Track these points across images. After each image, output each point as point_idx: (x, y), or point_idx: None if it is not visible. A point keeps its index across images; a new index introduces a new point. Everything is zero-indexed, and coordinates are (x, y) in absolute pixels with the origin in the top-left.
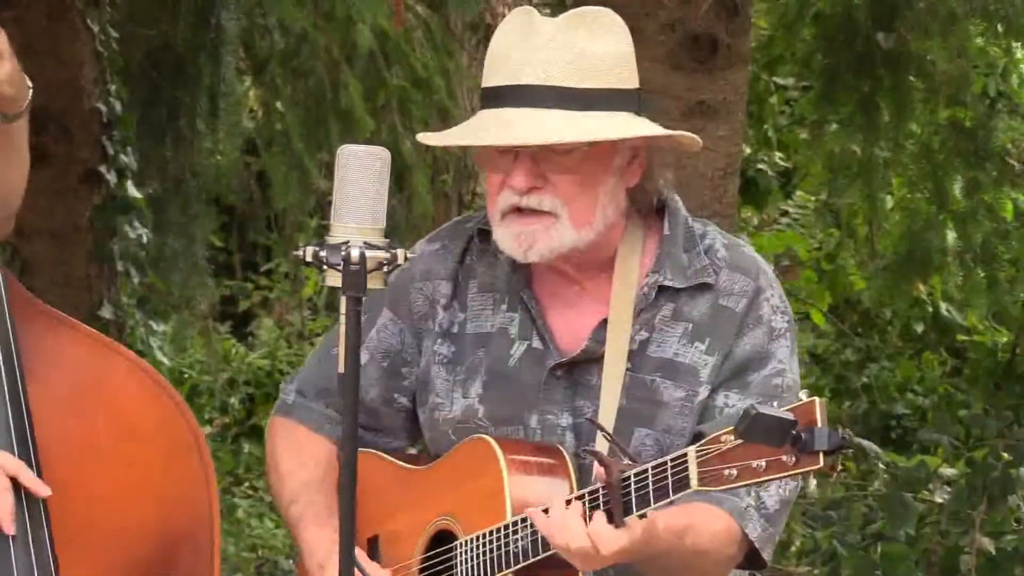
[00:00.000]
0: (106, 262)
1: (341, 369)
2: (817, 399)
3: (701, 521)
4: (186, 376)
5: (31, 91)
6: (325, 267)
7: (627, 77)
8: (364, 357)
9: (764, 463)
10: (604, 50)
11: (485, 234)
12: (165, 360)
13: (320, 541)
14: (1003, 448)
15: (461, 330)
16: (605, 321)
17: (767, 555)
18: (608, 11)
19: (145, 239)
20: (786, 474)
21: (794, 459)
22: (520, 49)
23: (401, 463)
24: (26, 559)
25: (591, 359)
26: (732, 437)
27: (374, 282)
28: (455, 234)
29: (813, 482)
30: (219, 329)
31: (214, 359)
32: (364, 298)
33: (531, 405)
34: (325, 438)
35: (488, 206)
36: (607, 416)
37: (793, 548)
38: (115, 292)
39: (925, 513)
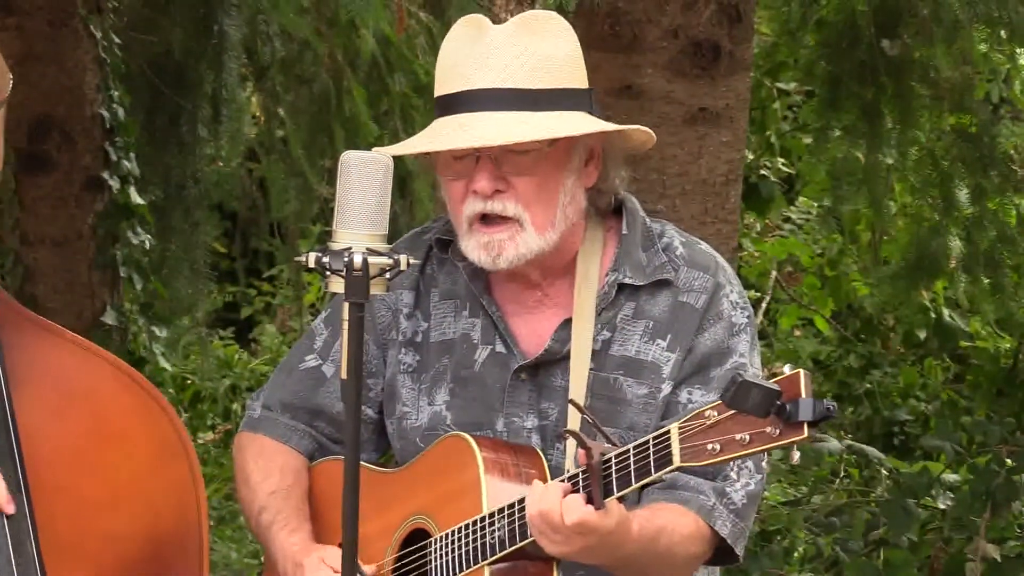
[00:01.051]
0: (109, 268)
1: (344, 375)
2: (802, 371)
3: (672, 523)
4: (189, 382)
5: (11, 82)
6: (328, 273)
7: (578, 77)
8: (330, 370)
9: (748, 436)
10: (554, 51)
11: (444, 244)
12: (168, 366)
13: (293, 544)
14: (1006, 454)
15: (425, 339)
16: (566, 322)
17: (739, 550)
18: (555, 15)
19: (148, 245)
20: (770, 446)
21: (778, 430)
22: (471, 55)
23: (370, 467)
24: (8, 568)
25: (554, 360)
26: (716, 413)
27: (376, 288)
28: (414, 245)
29: (801, 457)
30: (216, 336)
31: (208, 366)
32: (328, 311)
33: (497, 409)
34: (292, 449)
35: (453, 216)
36: (574, 415)
37: (796, 555)
38: (118, 298)
39: (928, 519)
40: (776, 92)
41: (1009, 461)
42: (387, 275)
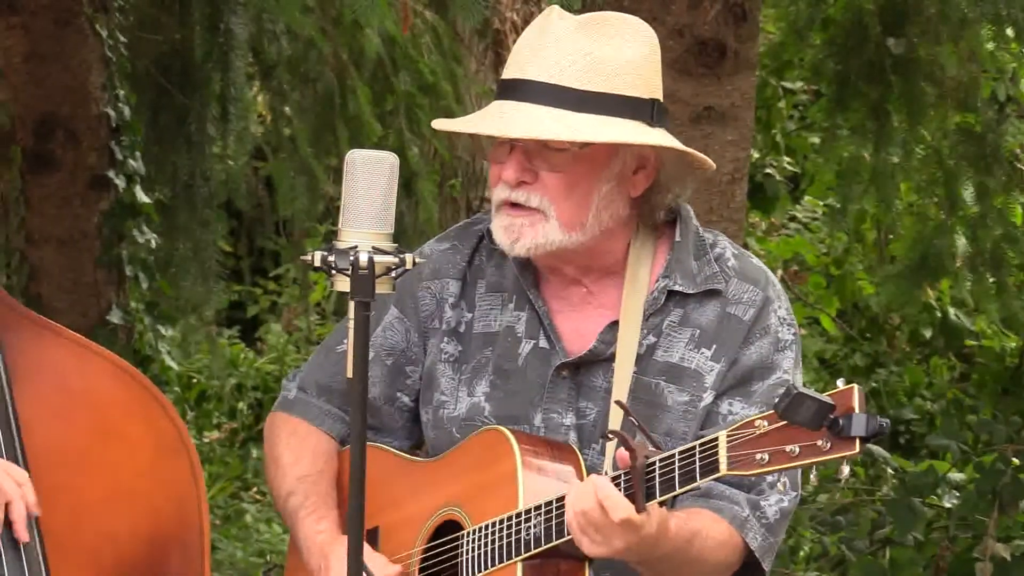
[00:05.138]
0: (114, 267)
1: (350, 374)
2: (856, 386)
3: (707, 529)
4: (195, 381)
5: None
6: (334, 272)
7: (638, 85)
8: (368, 354)
9: (798, 448)
10: (614, 56)
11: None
12: (174, 365)
13: (321, 532)
14: (1012, 453)
15: (468, 329)
16: (613, 324)
17: (767, 565)
18: (631, 19)
19: (153, 244)
20: (820, 459)
21: (829, 444)
22: (532, 45)
23: (404, 455)
24: (18, 567)
25: (597, 360)
26: (766, 423)
27: (382, 287)
28: (465, 234)
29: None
30: (224, 334)
31: (218, 365)
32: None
33: (536, 404)
34: (325, 433)
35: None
36: (614, 417)
37: (801, 553)
38: (124, 297)
39: (933, 518)
40: (782, 91)
41: (1015, 460)
42: (393, 274)
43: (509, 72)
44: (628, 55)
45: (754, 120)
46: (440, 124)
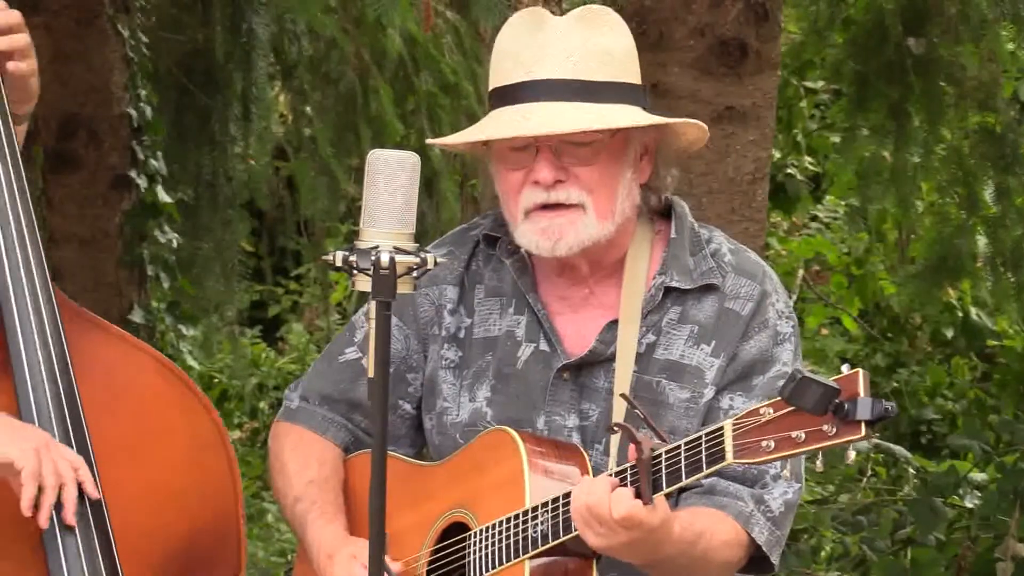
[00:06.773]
0: (136, 267)
1: (371, 374)
2: (860, 370)
3: (711, 528)
4: (216, 381)
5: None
6: (355, 272)
7: (634, 72)
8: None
9: (804, 434)
10: (613, 45)
11: (491, 240)
12: (195, 364)
13: (329, 535)
14: None
15: (468, 335)
16: (612, 323)
17: (775, 558)
18: (610, 10)
19: (175, 244)
20: (826, 444)
21: (835, 429)
22: (531, 46)
23: (408, 460)
24: (91, 555)
25: (598, 361)
26: (771, 410)
27: (404, 287)
28: (461, 240)
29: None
30: (247, 334)
31: (239, 364)
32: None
33: (538, 407)
34: (330, 441)
35: (507, 206)
36: (617, 417)
37: (823, 553)
38: (145, 297)
39: (955, 518)
40: (803, 90)
41: None
42: (414, 274)
43: (511, 76)
44: (622, 43)
45: (775, 120)
46: (449, 140)
